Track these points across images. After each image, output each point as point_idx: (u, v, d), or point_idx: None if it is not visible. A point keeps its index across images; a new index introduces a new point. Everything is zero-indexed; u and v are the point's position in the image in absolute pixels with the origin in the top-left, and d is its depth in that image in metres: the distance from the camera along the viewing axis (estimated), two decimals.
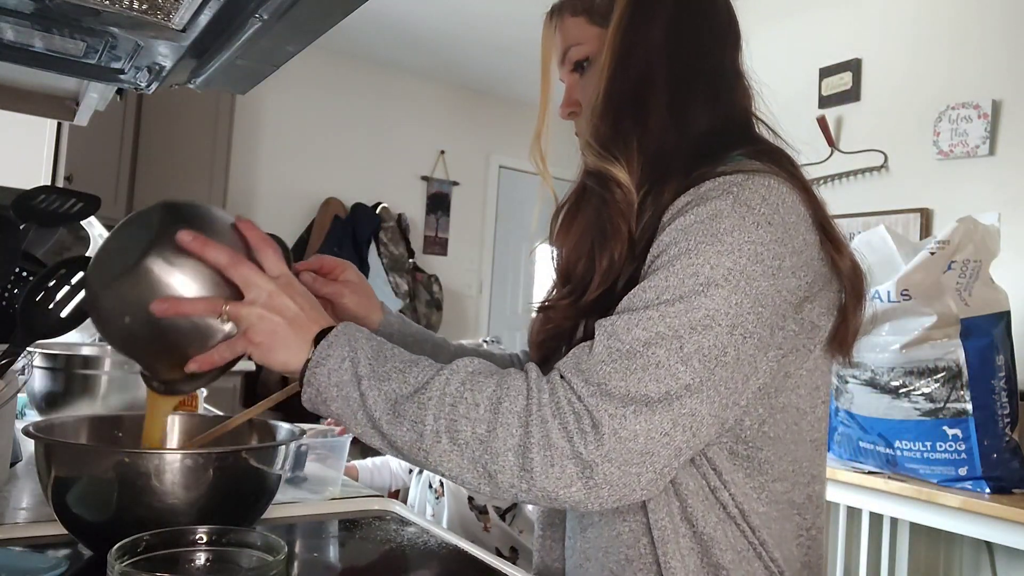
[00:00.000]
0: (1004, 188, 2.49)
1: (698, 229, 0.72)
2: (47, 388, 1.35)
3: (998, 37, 2.59)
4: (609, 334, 0.70)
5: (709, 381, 0.69)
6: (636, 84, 0.83)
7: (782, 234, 0.72)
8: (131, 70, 1.11)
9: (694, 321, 0.69)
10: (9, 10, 0.89)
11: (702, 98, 0.84)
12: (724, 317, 0.69)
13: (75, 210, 1.09)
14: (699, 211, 0.73)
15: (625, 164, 0.81)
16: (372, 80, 4.73)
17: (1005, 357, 1.83)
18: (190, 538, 0.71)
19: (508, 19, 3.93)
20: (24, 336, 0.90)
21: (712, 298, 0.69)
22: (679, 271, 0.71)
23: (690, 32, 0.86)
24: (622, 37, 0.84)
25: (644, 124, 0.82)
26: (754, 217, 0.72)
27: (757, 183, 0.74)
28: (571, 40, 0.93)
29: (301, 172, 4.48)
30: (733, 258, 0.70)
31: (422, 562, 0.93)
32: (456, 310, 4.98)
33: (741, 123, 0.87)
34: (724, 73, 0.88)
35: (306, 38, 0.89)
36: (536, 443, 0.67)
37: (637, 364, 0.68)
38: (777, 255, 0.72)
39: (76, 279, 0.94)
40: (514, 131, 5.33)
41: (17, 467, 1.14)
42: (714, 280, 0.69)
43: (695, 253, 0.71)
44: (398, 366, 0.73)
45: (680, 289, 0.70)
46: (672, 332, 0.69)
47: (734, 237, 0.71)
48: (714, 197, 0.73)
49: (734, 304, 0.70)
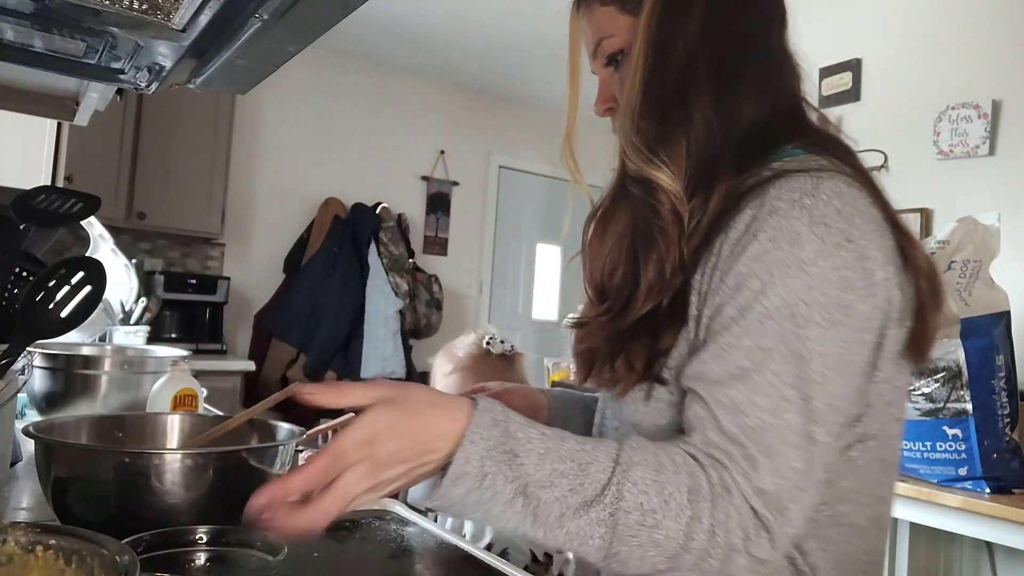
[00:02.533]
0: (1004, 188, 2.49)
1: (777, 259, 0.67)
2: (47, 388, 1.35)
3: (998, 37, 2.59)
4: (731, 410, 0.66)
5: (838, 426, 0.67)
6: (677, 78, 0.77)
7: (865, 248, 0.68)
8: (131, 70, 1.11)
9: (812, 372, 0.65)
10: (9, 10, 0.89)
11: (748, 86, 0.78)
12: (834, 359, 0.66)
13: (75, 210, 1.09)
14: (772, 231, 0.68)
15: (672, 167, 0.75)
16: (372, 80, 4.73)
17: (1005, 357, 1.83)
18: (190, 538, 0.71)
19: (508, 19, 3.92)
20: (24, 336, 0.90)
21: (819, 343, 0.65)
22: (773, 314, 0.66)
23: (731, 15, 0.79)
24: (657, 27, 0.78)
25: (689, 121, 0.76)
26: (834, 238, 0.67)
27: (828, 192, 0.68)
28: (602, 32, 0.86)
29: (301, 172, 4.48)
30: (823, 290, 0.66)
31: (422, 562, 0.93)
32: (456, 310, 4.97)
33: (790, 110, 0.80)
34: (770, 55, 0.81)
35: (306, 38, 0.89)
36: (717, 556, 0.64)
37: (775, 440, 0.65)
38: (867, 272, 0.67)
39: (76, 279, 0.94)
40: (514, 131, 5.33)
41: (17, 467, 1.14)
42: (812, 320, 0.65)
43: (781, 290, 0.66)
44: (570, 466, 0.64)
45: (780, 335, 0.66)
46: (797, 393, 0.65)
47: (820, 266, 0.66)
48: (784, 211, 0.68)
49: (840, 341, 0.66)
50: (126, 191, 3.64)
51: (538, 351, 3.36)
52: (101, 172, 3.49)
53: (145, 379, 1.36)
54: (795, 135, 0.78)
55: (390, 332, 4.27)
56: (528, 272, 5.55)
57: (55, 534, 0.57)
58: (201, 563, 0.71)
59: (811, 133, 0.79)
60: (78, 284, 0.93)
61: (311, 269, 4.26)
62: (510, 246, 5.42)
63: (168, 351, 1.54)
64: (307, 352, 4.14)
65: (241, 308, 4.24)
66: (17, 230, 1.02)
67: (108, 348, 1.78)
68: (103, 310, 2.00)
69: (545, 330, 5.45)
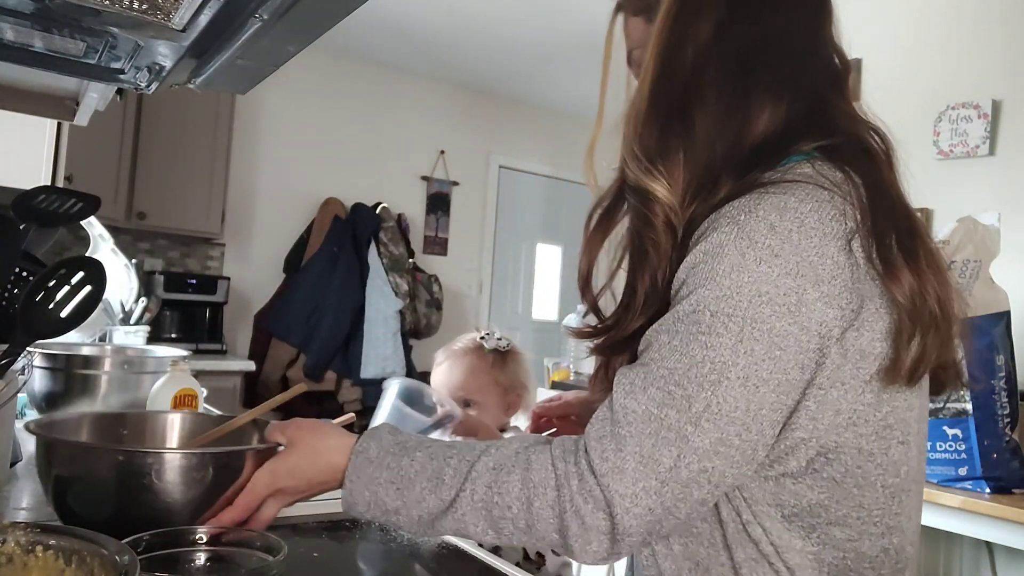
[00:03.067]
0: (1004, 188, 2.49)
1: (701, 270, 0.68)
2: (47, 388, 1.35)
3: (998, 37, 2.59)
4: (626, 392, 0.70)
5: (722, 440, 0.67)
6: (682, 86, 0.76)
7: (796, 265, 0.66)
8: (131, 70, 1.11)
9: (701, 377, 0.66)
10: (9, 10, 0.89)
11: (761, 89, 0.76)
12: (733, 369, 0.66)
13: (75, 210, 1.09)
14: (705, 244, 0.69)
15: (669, 179, 0.74)
16: (372, 80, 4.73)
17: (1005, 357, 1.83)
18: (190, 538, 0.71)
19: (508, 19, 3.92)
20: (24, 336, 0.90)
21: (716, 349, 0.66)
22: (683, 318, 0.68)
23: (752, 15, 0.76)
24: (668, 33, 0.77)
25: (689, 132, 0.75)
26: (756, 252, 0.66)
27: (768, 206, 0.68)
28: (633, 42, 0.86)
29: (301, 172, 4.48)
30: (733, 302, 0.66)
31: (422, 562, 0.93)
32: (456, 310, 4.97)
33: (809, 109, 0.77)
34: (798, 52, 0.78)
35: (306, 38, 0.89)
36: (573, 533, 0.70)
37: (650, 430, 0.68)
38: (792, 289, 0.66)
39: (76, 279, 0.93)
40: (514, 131, 5.33)
41: (17, 467, 1.14)
42: (713, 328, 0.66)
43: (695, 298, 0.68)
44: (425, 487, 0.75)
45: (685, 340, 0.68)
46: (681, 391, 0.67)
47: (732, 279, 0.67)
48: (720, 226, 0.69)
49: (743, 353, 0.66)
50: (126, 191, 3.64)
51: (538, 351, 3.36)
52: (101, 172, 3.49)
53: (145, 379, 1.36)
54: (810, 137, 0.75)
55: (390, 332, 4.26)
56: (528, 272, 5.55)
57: (55, 534, 0.57)
58: (201, 563, 0.71)
59: (829, 135, 0.76)
60: (78, 284, 0.93)
61: (311, 269, 4.26)
62: (510, 246, 5.42)
63: (168, 351, 1.54)
64: (307, 352, 4.14)
65: (241, 308, 4.24)
66: (17, 230, 1.02)
67: (108, 348, 1.78)
68: (103, 310, 2.00)
69: (545, 330, 5.45)
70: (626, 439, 0.68)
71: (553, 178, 5.48)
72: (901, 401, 0.72)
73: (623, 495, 0.67)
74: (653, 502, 0.67)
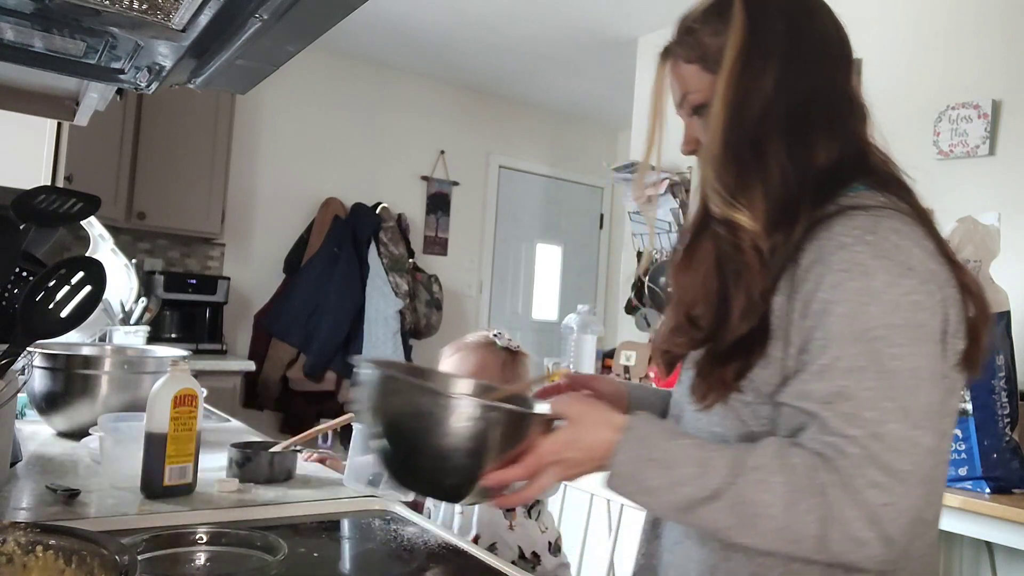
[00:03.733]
0: (1004, 188, 2.49)
1: (854, 288, 0.78)
2: (47, 388, 1.35)
3: (998, 37, 2.59)
4: (841, 423, 0.76)
5: (941, 434, 0.77)
6: (753, 132, 0.86)
7: (924, 274, 0.79)
8: (131, 70, 1.11)
9: (903, 385, 0.76)
10: (9, 10, 0.89)
11: (820, 133, 0.87)
12: (922, 371, 0.76)
13: (75, 210, 1.09)
14: (843, 263, 0.79)
15: (751, 210, 0.84)
16: (372, 80, 4.73)
17: (1005, 357, 1.83)
18: (190, 538, 0.71)
19: (508, 19, 3.92)
20: (24, 336, 0.90)
21: (904, 358, 0.76)
22: (859, 337, 0.77)
23: (803, 70, 0.88)
24: (735, 86, 0.87)
25: (765, 170, 0.85)
26: (897, 268, 0.78)
27: (886, 228, 0.80)
28: (687, 87, 0.94)
29: (301, 172, 4.48)
30: (900, 314, 0.77)
31: (422, 562, 0.93)
32: (456, 310, 4.97)
33: (857, 152, 0.90)
34: (839, 101, 0.90)
35: (306, 38, 0.89)
36: (835, 540, 0.75)
37: (883, 446, 0.75)
38: (929, 293, 0.78)
39: (76, 279, 0.94)
40: (514, 131, 5.32)
41: (17, 467, 1.14)
42: (893, 340, 0.76)
43: (863, 316, 0.77)
44: (690, 472, 0.80)
45: (872, 358, 0.76)
46: (894, 404, 0.75)
47: (891, 294, 0.77)
48: (850, 246, 0.79)
49: (922, 355, 0.77)
50: (126, 191, 3.64)
51: (538, 351, 3.36)
52: (101, 172, 3.48)
53: (145, 379, 1.36)
54: (860, 174, 0.87)
55: (390, 332, 4.26)
56: (528, 272, 5.55)
57: (55, 534, 0.57)
58: (201, 563, 0.71)
59: (875, 173, 0.88)
60: (78, 284, 0.93)
61: (311, 269, 4.26)
62: (510, 246, 5.42)
63: (168, 351, 1.54)
64: (307, 352, 4.14)
65: (241, 308, 4.24)
66: (17, 230, 1.02)
67: (108, 348, 1.78)
68: (103, 310, 2.00)
69: (545, 330, 5.44)
70: (873, 458, 0.75)
71: (553, 178, 5.48)
72: (957, 394, 0.84)
73: (883, 504, 0.74)
74: (909, 504, 0.75)
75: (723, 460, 0.79)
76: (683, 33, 0.95)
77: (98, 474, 1.14)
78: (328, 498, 1.13)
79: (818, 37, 0.91)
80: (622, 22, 3.84)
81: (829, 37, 0.92)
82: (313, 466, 1.34)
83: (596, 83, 4.76)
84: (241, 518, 1.01)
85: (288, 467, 1.21)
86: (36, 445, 1.31)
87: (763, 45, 0.87)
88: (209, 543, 0.72)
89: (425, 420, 0.82)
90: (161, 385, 1.11)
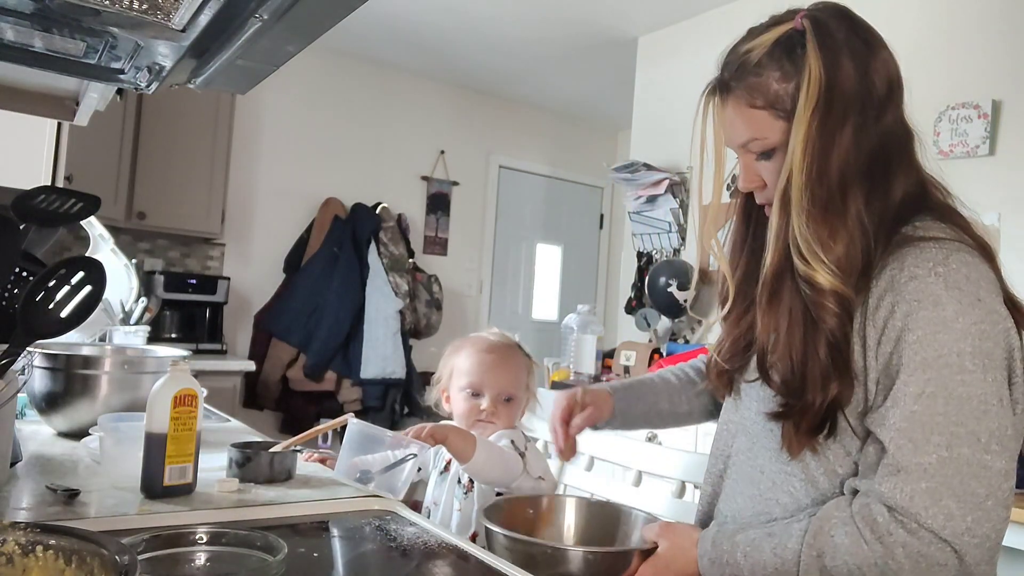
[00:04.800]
0: (1004, 188, 2.49)
1: (925, 317, 0.81)
2: (47, 388, 1.35)
3: (998, 37, 2.59)
4: (909, 452, 0.80)
5: (1010, 456, 0.80)
6: (836, 182, 0.87)
7: (990, 304, 0.82)
8: (131, 70, 1.11)
9: (972, 410, 0.79)
10: (9, 10, 0.89)
11: (896, 171, 0.90)
12: (991, 397, 0.79)
13: (75, 210, 1.09)
14: (916, 293, 0.82)
15: (834, 266, 0.86)
16: (372, 80, 4.73)
17: None
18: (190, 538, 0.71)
19: (508, 19, 3.92)
20: (24, 336, 0.90)
21: (973, 385, 0.79)
22: (930, 364, 0.80)
23: (877, 114, 0.89)
24: (817, 138, 0.87)
25: (847, 222, 0.87)
26: (967, 298, 0.81)
27: (957, 262, 0.83)
28: (755, 133, 0.93)
29: (301, 172, 4.48)
30: (970, 341, 0.80)
31: (422, 562, 0.93)
32: (456, 310, 4.97)
33: (919, 183, 0.92)
34: (905, 135, 0.92)
35: (306, 38, 0.89)
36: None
37: (952, 470, 0.78)
38: (995, 323, 0.82)
39: (76, 279, 0.93)
40: (514, 131, 5.32)
41: (17, 467, 1.14)
42: (964, 367, 0.80)
43: (935, 343, 0.80)
44: (769, 547, 0.89)
45: (941, 384, 0.80)
46: (964, 429, 0.78)
47: (961, 322, 0.80)
48: (922, 277, 0.82)
49: (991, 382, 0.80)
50: (126, 191, 3.64)
51: (538, 351, 3.35)
52: (101, 172, 3.48)
53: (145, 379, 1.36)
54: (925, 208, 0.91)
55: (390, 332, 4.26)
56: (528, 272, 5.55)
57: (55, 534, 0.57)
58: (201, 563, 0.71)
59: (937, 207, 0.92)
60: (78, 284, 0.93)
61: (311, 269, 4.26)
62: (510, 246, 5.42)
63: (168, 351, 1.54)
64: (307, 352, 4.14)
65: (241, 308, 4.24)
66: (17, 230, 1.02)
67: (108, 348, 1.78)
68: (103, 310, 2.00)
69: (545, 330, 5.44)
70: (937, 489, 0.79)
71: (553, 178, 5.48)
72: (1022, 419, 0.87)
73: (960, 532, 0.78)
74: (988, 529, 0.79)
75: (791, 535, 0.87)
76: (744, 72, 0.92)
77: (98, 474, 1.14)
78: (328, 498, 1.13)
79: (884, 77, 0.91)
80: (622, 22, 3.84)
81: (892, 75, 0.92)
82: (313, 466, 1.34)
83: (596, 83, 4.76)
84: (241, 518, 1.00)
85: (288, 467, 1.21)
86: (36, 445, 1.31)
87: (840, 93, 0.87)
88: (209, 543, 0.72)
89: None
90: (161, 385, 1.11)
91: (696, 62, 3.38)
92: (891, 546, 0.80)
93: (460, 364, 1.49)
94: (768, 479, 0.96)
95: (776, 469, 0.95)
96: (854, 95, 0.87)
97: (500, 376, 1.46)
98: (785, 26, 0.91)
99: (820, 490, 0.92)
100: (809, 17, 0.91)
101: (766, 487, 0.97)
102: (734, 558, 0.91)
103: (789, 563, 0.86)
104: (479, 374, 1.46)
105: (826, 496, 0.91)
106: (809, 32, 0.88)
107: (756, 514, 0.97)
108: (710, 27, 3.62)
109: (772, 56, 0.90)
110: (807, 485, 0.92)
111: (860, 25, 0.93)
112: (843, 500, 0.88)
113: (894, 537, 0.80)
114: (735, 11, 3.49)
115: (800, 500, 0.93)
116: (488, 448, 1.31)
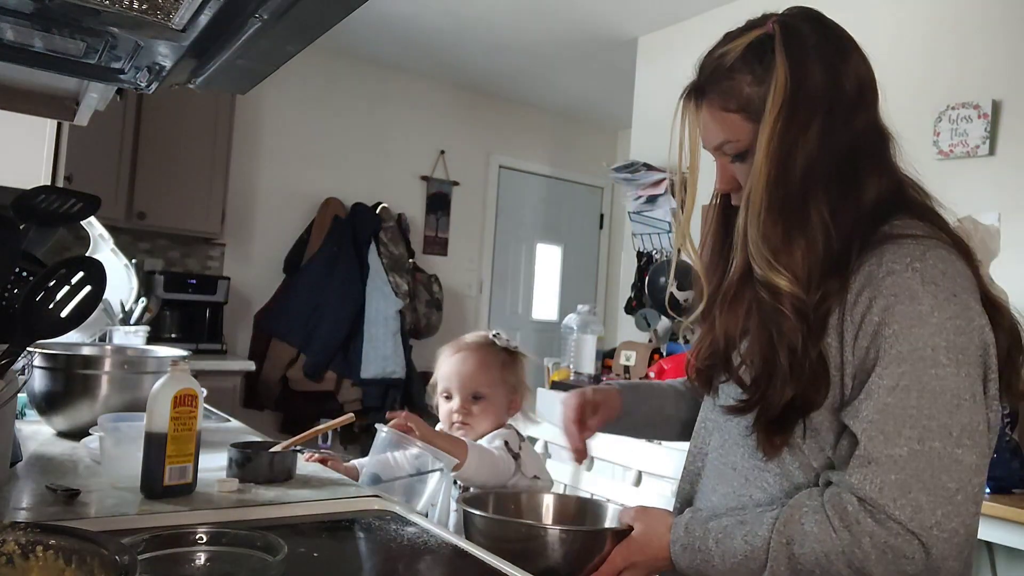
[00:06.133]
0: (1004, 188, 2.49)
1: (902, 311, 0.81)
2: (47, 388, 1.35)
3: (998, 37, 2.59)
4: (880, 444, 0.80)
5: (981, 452, 0.80)
6: (798, 186, 0.87)
7: (966, 300, 0.83)
8: (131, 70, 1.11)
9: (945, 404, 0.79)
10: (9, 10, 0.89)
11: (864, 175, 0.89)
12: (964, 391, 0.80)
13: (75, 210, 1.09)
14: (893, 288, 0.82)
15: (792, 272, 0.86)
16: (372, 80, 4.73)
17: None
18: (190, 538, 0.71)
19: (508, 19, 3.92)
20: (24, 336, 0.90)
21: (946, 379, 0.80)
22: (905, 358, 0.80)
23: (845, 118, 0.88)
24: (779, 141, 0.87)
25: (807, 227, 0.86)
26: (943, 294, 0.82)
27: (934, 258, 0.84)
28: (728, 136, 0.94)
29: (301, 172, 4.48)
30: (944, 336, 0.80)
31: (422, 562, 0.93)
32: (456, 310, 4.97)
33: (894, 183, 0.92)
34: (877, 138, 0.92)
35: (306, 38, 0.89)
36: (889, 569, 0.80)
37: (923, 464, 0.78)
38: (970, 319, 0.82)
39: (76, 279, 0.93)
40: (514, 131, 5.32)
41: (17, 467, 1.14)
42: (938, 361, 0.80)
43: (910, 337, 0.81)
44: (741, 536, 0.89)
45: (915, 378, 0.80)
46: (936, 423, 0.79)
47: (937, 317, 0.81)
48: (899, 272, 0.83)
49: (964, 376, 0.80)
50: (126, 191, 3.64)
51: (538, 351, 3.35)
52: (101, 172, 3.48)
53: (145, 379, 1.36)
54: (902, 207, 0.91)
55: (390, 332, 4.26)
56: (528, 272, 5.55)
57: (55, 534, 0.57)
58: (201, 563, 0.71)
59: (914, 206, 0.92)
60: (78, 284, 0.93)
61: (311, 269, 4.26)
62: (510, 246, 5.42)
63: (168, 351, 1.54)
64: (307, 352, 4.14)
65: (241, 308, 4.24)
66: (17, 230, 1.02)
67: (108, 348, 1.78)
68: (103, 310, 2.00)
69: (545, 330, 5.44)
70: (907, 481, 0.79)
71: (553, 178, 5.48)
72: (997, 415, 0.86)
73: (929, 526, 0.78)
74: (957, 524, 0.78)
75: (761, 525, 0.88)
76: (719, 76, 0.93)
77: (98, 474, 1.14)
78: (328, 498, 1.13)
79: (854, 81, 0.90)
80: (622, 22, 3.84)
81: (863, 78, 0.91)
82: (313, 466, 1.34)
83: (596, 83, 4.76)
84: (241, 518, 1.01)
85: (288, 467, 1.21)
86: (36, 445, 1.31)
87: (805, 97, 0.87)
88: (209, 543, 0.72)
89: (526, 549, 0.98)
90: (161, 385, 1.11)
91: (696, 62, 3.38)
92: (858, 535, 0.80)
93: (438, 369, 1.51)
94: (741, 476, 0.97)
95: (749, 465, 0.96)
96: (821, 98, 0.87)
97: (464, 374, 1.47)
98: (758, 30, 0.92)
99: (795, 484, 0.92)
100: (780, 22, 0.91)
101: (739, 484, 0.97)
102: (706, 544, 0.92)
103: (759, 550, 0.86)
104: (447, 376, 1.48)
105: (801, 490, 0.92)
106: (778, 36, 0.89)
107: (731, 511, 0.97)
108: (710, 27, 3.61)
109: (744, 60, 0.91)
110: (781, 479, 0.93)
111: (832, 29, 0.93)
112: (815, 490, 0.88)
113: (862, 526, 0.81)
114: (735, 11, 3.48)
115: (774, 495, 0.93)
116: (479, 453, 1.32)
